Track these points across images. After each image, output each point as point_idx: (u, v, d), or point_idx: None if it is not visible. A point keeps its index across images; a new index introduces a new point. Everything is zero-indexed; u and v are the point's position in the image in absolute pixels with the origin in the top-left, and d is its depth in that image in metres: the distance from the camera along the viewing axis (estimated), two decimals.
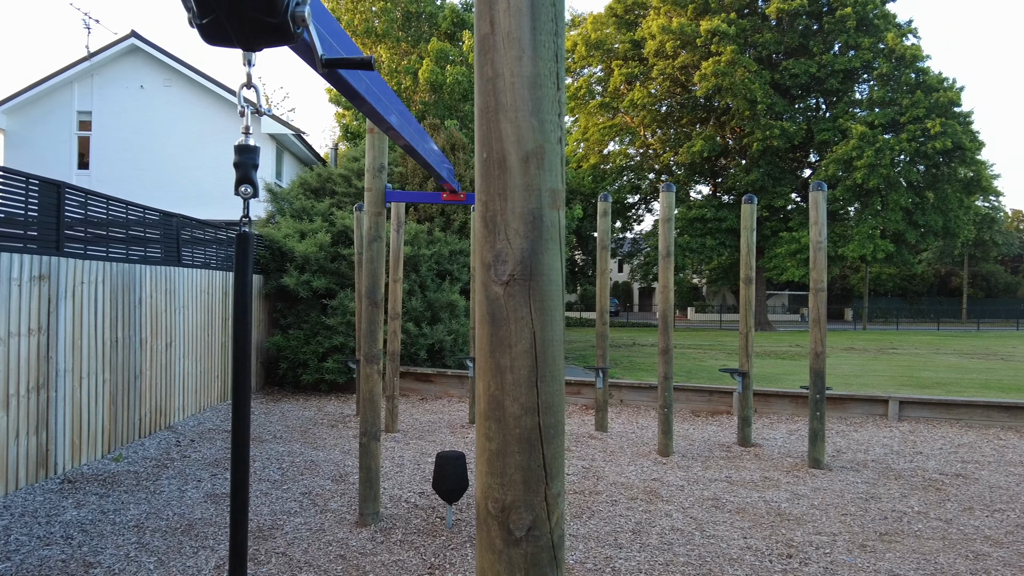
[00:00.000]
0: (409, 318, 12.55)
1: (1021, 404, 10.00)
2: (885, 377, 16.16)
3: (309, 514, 5.75)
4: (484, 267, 1.43)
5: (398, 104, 3.73)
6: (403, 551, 4.95)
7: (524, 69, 1.39)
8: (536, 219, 1.40)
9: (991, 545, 5.18)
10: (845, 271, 58.42)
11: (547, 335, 1.42)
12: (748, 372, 8.75)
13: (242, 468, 1.88)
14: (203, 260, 10.47)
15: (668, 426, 8.11)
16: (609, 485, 6.71)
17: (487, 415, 1.43)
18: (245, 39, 1.73)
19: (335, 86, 2.57)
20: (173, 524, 5.44)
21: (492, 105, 1.41)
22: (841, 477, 7.14)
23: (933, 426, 9.83)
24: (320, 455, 7.82)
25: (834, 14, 37.63)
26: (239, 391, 1.84)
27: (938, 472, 7.36)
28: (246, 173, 1.86)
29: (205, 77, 19.63)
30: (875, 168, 35.63)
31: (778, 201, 39.17)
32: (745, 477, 7.09)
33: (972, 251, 59.91)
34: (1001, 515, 5.92)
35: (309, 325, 12.21)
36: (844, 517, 5.82)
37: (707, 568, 4.67)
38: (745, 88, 36.51)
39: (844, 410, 10.42)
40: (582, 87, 44.41)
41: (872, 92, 38.95)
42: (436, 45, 25.13)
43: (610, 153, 45.30)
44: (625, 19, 43.21)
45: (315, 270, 12.32)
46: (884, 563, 4.78)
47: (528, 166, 1.40)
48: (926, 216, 38.23)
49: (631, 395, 11.29)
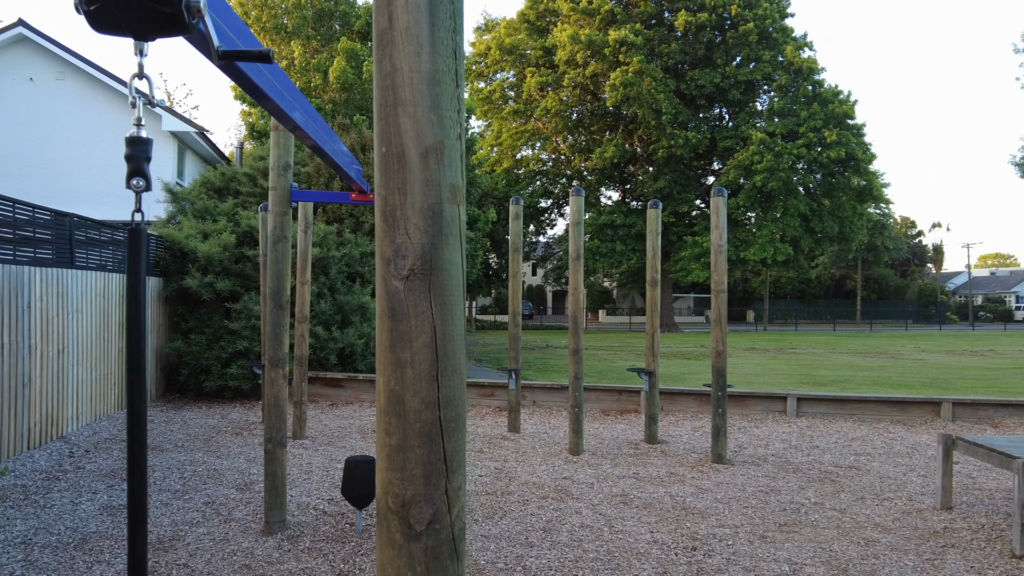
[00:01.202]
0: (318, 321, 12.30)
1: (909, 399, 10.64)
2: (784, 375, 16.87)
3: (213, 524, 5.56)
4: (384, 262, 1.43)
5: (303, 102, 3.66)
6: (311, 558, 4.85)
7: (423, 65, 1.39)
8: (436, 214, 1.41)
9: (881, 532, 5.47)
10: (747, 274, 60.80)
11: (448, 330, 1.42)
12: (655, 371, 8.97)
13: (139, 475, 1.80)
14: (99, 262, 9.99)
15: (579, 425, 8.23)
16: (521, 485, 6.76)
17: (387, 410, 1.43)
18: (136, 28, 1.67)
19: (235, 80, 2.50)
20: (65, 539, 5.16)
21: (391, 100, 1.41)
22: (743, 471, 7.41)
23: (829, 421, 10.32)
24: (224, 463, 7.57)
25: (737, 28, 39.09)
26: (134, 394, 1.77)
27: (833, 465, 7.74)
28: (138, 166, 1.80)
29: (101, 71, 18.74)
30: (774, 172, 37.23)
31: (683, 207, 40.52)
32: (652, 473, 7.27)
33: (865, 255, 63.23)
34: (890, 503, 6.27)
35: (212, 329, 11.80)
36: (746, 510, 6.04)
37: (615, 563, 4.76)
38: (651, 98, 37.54)
39: (746, 407, 10.82)
40: (496, 91, 44.64)
41: (772, 103, 40.74)
42: (347, 44, 24.77)
43: (523, 158, 45.72)
44: (537, 25, 43.69)
45: (219, 272, 11.93)
46: (783, 552, 4.99)
47: (428, 161, 1.40)
48: (822, 222, 40.23)
49: (543, 396, 11.41)
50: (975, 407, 10.37)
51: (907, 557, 4.92)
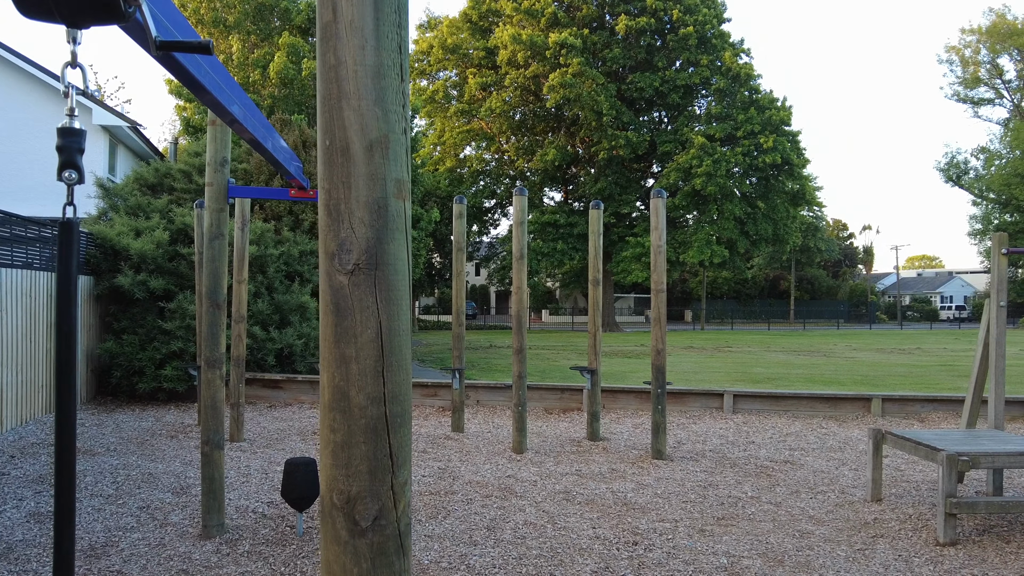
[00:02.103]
0: (256, 321, 12.06)
1: (841, 396, 11.00)
2: (721, 373, 17.24)
3: (148, 529, 5.40)
4: (328, 256, 1.41)
5: (242, 96, 3.59)
6: (251, 562, 4.76)
7: (367, 58, 1.38)
8: (382, 208, 1.40)
9: (815, 524, 5.64)
10: (685, 275, 61.94)
11: (393, 325, 1.42)
12: (597, 370, 9.07)
13: (67, 479, 1.74)
14: (24, 260, 9.60)
15: (522, 424, 8.26)
16: (465, 484, 6.75)
17: (331, 406, 1.41)
18: (68, 14, 1.61)
19: (173, 73, 2.43)
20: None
21: (335, 93, 1.39)
22: (682, 467, 7.54)
23: (764, 417, 10.59)
24: (159, 467, 7.37)
25: (677, 32, 39.78)
26: (64, 396, 1.70)
27: (769, 459, 7.94)
28: (70, 157, 1.73)
29: (28, 61, 18.00)
30: (712, 177, 38.03)
31: (624, 208, 41.10)
32: (594, 470, 7.35)
33: (798, 257, 65.11)
34: (823, 496, 6.47)
35: (145, 329, 11.45)
36: (685, 504, 6.15)
37: (559, 559, 4.80)
38: (592, 100, 37.92)
39: (684, 404, 11.03)
40: (439, 90, 44.46)
41: (710, 107, 41.60)
42: (288, 39, 24.36)
43: (466, 157, 45.66)
44: (480, 26, 43.67)
45: (152, 270, 11.58)
46: (721, 545, 5.10)
47: (373, 155, 1.39)
48: (757, 225, 41.26)
49: (487, 395, 11.41)
50: (903, 403, 10.77)
51: (840, 548, 5.08)
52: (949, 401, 10.75)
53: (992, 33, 54.44)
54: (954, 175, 57.85)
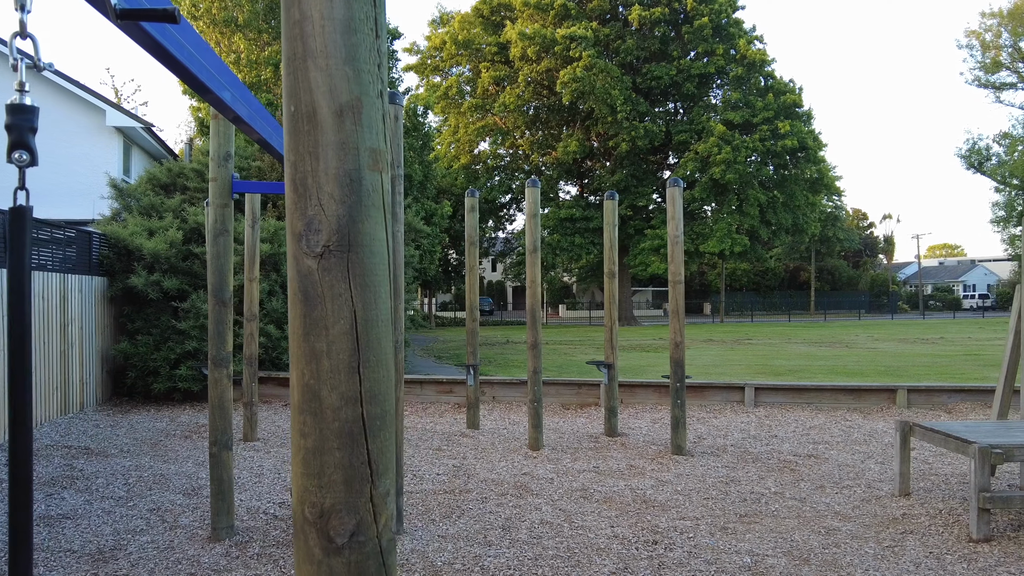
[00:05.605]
0: (270, 320, 11.97)
1: (865, 387, 10.75)
2: (741, 366, 16.98)
3: (157, 531, 5.31)
4: (295, 237, 1.24)
5: (239, 87, 3.45)
6: (260, 565, 4.64)
7: (336, 11, 1.21)
8: (354, 182, 1.22)
9: (841, 520, 5.44)
10: (703, 267, 61.42)
11: (370, 314, 1.24)
12: (614, 364, 8.89)
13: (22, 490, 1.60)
14: (36, 262, 9.56)
15: (538, 420, 8.10)
16: (480, 482, 6.61)
17: (301, 408, 1.24)
18: None
19: (146, 48, 2.23)
20: None
21: (300, 52, 1.22)
22: (702, 462, 7.35)
23: (786, 410, 10.36)
24: (171, 468, 7.29)
25: (692, 23, 39.34)
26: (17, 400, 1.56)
27: (792, 454, 7.73)
28: (21, 137, 1.59)
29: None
30: (731, 164, 37.60)
31: (641, 201, 40.74)
32: (612, 467, 7.18)
33: (818, 247, 64.31)
34: (849, 491, 6.26)
35: (159, 330, 11.40)
36: (706, 501, 5.97)
37: (576, 560, 4.64)
38: (606, 93, 37.57)
39: (704, 398, 10.81)
40: (452, 86, 44.30)
41: (726, 95, 41.13)
42: None
43: (481, 152, 45.48)
44: (491, 20, 43.43)
45: (166, 270, 11.53)
46: (744, 544, 4.92)
47: (343, 121, 1.22)
48: (776, 214, 40.77)
49: (503, 391, 11.26)
50: (929, 393, 10.50)
51: (867, 545, 4.88)
52: (977, 391, 10.45)
53: (1014, 16, 53.34)
54: (976, 162, 56.83)
